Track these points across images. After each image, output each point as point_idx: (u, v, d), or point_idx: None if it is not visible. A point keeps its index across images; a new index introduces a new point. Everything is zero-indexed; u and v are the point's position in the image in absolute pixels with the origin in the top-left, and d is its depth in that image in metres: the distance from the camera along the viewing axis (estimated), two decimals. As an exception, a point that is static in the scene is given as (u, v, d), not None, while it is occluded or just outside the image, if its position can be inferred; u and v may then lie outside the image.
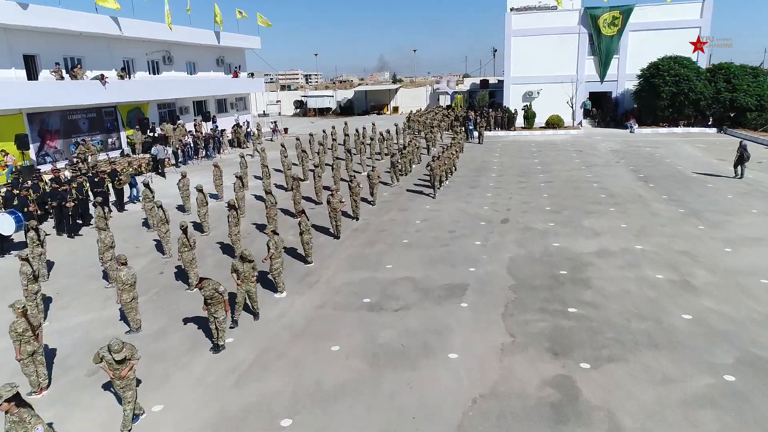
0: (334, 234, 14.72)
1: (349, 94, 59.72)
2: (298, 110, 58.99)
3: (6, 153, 20.50)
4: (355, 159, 24.85)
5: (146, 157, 25.54)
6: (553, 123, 37.39)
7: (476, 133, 33.74)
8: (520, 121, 37.98)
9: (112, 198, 18.89)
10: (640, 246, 13.27)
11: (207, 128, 32.76)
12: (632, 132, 35.49)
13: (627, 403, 7.11)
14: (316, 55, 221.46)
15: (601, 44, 37.58)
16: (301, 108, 58.77)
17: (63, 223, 15.84)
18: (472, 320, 9.64)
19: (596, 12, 37.18)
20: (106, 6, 25.38)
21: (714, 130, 34.83)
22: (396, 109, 56.65)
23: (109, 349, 6.76)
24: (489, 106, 42.77)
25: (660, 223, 15.12)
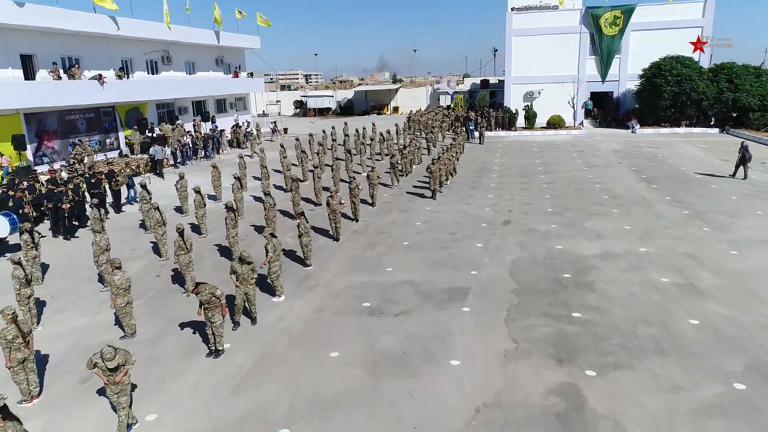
0: (334, 236, 14.53)
1: (349, 94, 59.54)
2: (298, 110, 58.79)
3: (1, 154, 20.30)
4: (355, 159, 24.66)
5: (144, 158, 25.35)
6: (555, 123, 37.14)
7: (477, 134, 33.55)
8: (521, 122, 37.76)
9: (109, 199, 18.73)
10: (645, 248, 13.06)
11: (206, 128, 32.58)
12: (634, 132, 35.29)
13: (634, 412, 6.91)
14: (316, 55, 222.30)
15: (603, 44, 37.39)
16: (301, 108, 58.58)
17: (59, 225, 15.68)
18: (475, 325, 9.44)
19: (597, 11, 36.99)
20: (105, 6, 25.21)
21: (716, 131, 34.62)
22: (396, 109, 56.46)
23: (102, 357, 6.58)
24: (490, 106, 42.54)
25: (664, 225, 14.92)
